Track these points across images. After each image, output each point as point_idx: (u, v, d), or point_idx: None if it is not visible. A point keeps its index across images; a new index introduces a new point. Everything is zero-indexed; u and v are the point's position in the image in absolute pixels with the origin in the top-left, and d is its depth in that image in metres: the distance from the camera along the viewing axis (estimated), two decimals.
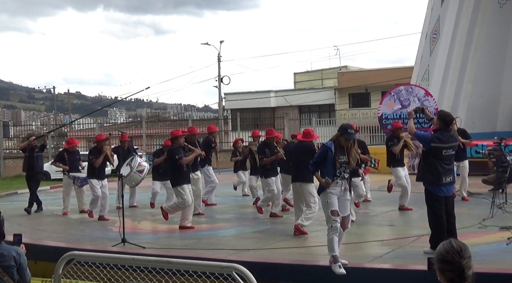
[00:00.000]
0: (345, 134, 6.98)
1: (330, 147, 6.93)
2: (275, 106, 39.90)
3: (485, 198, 11.37)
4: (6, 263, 4.41)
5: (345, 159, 6.94)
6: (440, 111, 8.49)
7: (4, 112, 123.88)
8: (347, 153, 6.98)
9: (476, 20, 20.41)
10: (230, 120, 36.29)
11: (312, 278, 7.00)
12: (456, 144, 7.72)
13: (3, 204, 14.74)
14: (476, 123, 19.64)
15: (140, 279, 5.87)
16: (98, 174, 11.94)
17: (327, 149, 6.95)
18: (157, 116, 62.65)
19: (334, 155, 6.90)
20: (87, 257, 5.34)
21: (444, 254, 3.03)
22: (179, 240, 9.34)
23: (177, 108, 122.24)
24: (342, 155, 6.95)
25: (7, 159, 32.20)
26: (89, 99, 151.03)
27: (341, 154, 6.95)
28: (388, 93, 18.60)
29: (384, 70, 39.32)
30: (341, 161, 6.91)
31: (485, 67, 20.32)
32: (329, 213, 6.86)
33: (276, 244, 8.76)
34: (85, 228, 11.03)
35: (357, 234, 9.25)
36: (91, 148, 12.70)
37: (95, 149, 12.03)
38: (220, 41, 50.89)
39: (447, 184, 7.41)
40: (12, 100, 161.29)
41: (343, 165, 6.93)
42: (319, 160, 7.04)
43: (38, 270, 7.30)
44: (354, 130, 10.21)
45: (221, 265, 4.46)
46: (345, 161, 6.94)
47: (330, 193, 6.89)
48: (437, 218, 7.36)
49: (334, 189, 6.91)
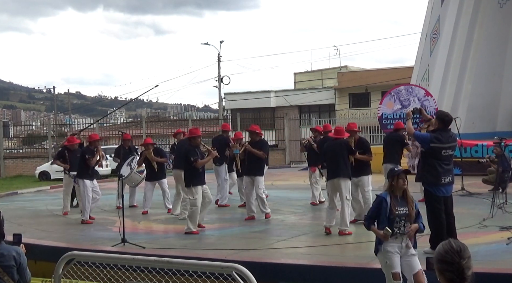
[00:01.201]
0: (394, 174, 5.92)
1: (385, 197, 5.87)
2: (275, 106, 39.87)
3: (485, 198, 11.37)
4: (6, 263, 4.41)
5: (404, 211, 5.83)
6: (439, 111, 8.50)
7: (4, 112, 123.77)
8: (407, 202, 5.87)
9: (476, 20, 20.40)
10: (230, 120, 36.25)
11: (312, 278, 7.00)
12: (455, 144, 7.72)
13: (3, 204, 14.73)
14: (476, 123, 19.63)
15: (140, 279, 5.87)
16: (92, 174, 11.84)
17: (382, 200, 5.88)
18: (157, 116, 62.67)
19: (390, 207, 5.83)
20: (87, 257, 5.33)
21: (443, 254, 3.03)
22: (179, 240, 9.34)
23: (177, 108, 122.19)
24: (401, 206, 5.85)
25: (7, 159, 32.20)
26: (89, 99, 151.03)
27: (399, 204, 5.84)
28: (388, 93, 18.61)
29: (384, 70, 39.30)
30: (399, 213, 5.81)
31: (485, 67, 20.31)
32: (390, 276, 5.78)
33: (276, 244, 8.77)
34: (85, 228, 11.03)
35: (357, 234, 9.25)
36: (85, 147, 12.57)
37: (89, 149, 11.97)
38: (220, 41, 50.82)
39: (447, 184, 7.42)
40: (12, 100, 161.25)
41: (402, 218, 5.82)
42: (374, 214, 5.94)
43: (38, 270, 7.29)
44: (355, 130, 10.33)
45: (221, 265, 4.46)
46: (404, 213, 5.82)
47: (389, 252, 5.77)
48: (436, 218, 7.37)
49: (393, 246, 5.77)
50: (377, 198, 6.00)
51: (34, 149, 37.15)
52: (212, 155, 10.21)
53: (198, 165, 9.81)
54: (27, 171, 30.77)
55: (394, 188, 5.88)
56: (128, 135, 14.11)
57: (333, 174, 9.40)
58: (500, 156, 11.67)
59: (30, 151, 36.23)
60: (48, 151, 32.27)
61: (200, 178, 9.90)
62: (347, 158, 9.48)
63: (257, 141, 11.19)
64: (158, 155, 12.46)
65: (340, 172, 9.30)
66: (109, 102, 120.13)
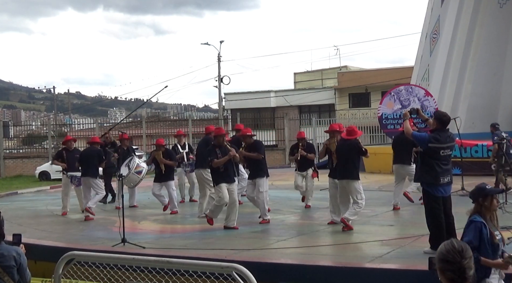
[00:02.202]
0: (487, 193, 5.07)
1: (483, 222, 4.93)
2: (275, 106, 39.89)
3: None
4: (7, 263, 4.41)
5: (500, 236, 5.02)
6: (437, 111, 8.50)
7: (4, 112, 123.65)
8: (497, 225, 5.09)
9: (476, 20, 20.39)
10: (230, 120, 36.27)
11: (312, 278, 6.99)
12: (453, 144, 7.71)
13: (3, 204, 14.75)
14: (476, 123, 19.62)
15: (140, 279, 5.87)
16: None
17: (481, 225, 4.91)
18: (157, 116, 62.56)
19: (489, 233, 4.90)
20: (87, 257, 5.34)
21: (445, 253, 3.03)
22: (179, 240, 9.34)
23: (177, 108, 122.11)
24: (494, 229, 5.01)
25: (7, 159, 32.21)
26: (89, 99, 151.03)
27: (493, 229, 4.99)
28: (388, 93, 18.62)
29: (384, 70, 39.31)
30: (498, 238, 4.95)
31: (485, 67, 20.30)
32: None
33: (276, 244, 8.77)
34: (85, 228, 11.03)
35: (357, 234, 9.25)
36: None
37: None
38: (220, 41, 50.86)
39: (445, 184, 7.42)
40: (12, 100, 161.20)
41: (499, 243, 4.95)
42: (477, 241, 4.83)
43: (38, 270, 7.29)
44: (357, 132, 10.32)
45: (221, 265, 4.46)
46: (501, 238, 5.00)
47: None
48: (435, 218, 7.37)
49: (495, 278, 4.89)
50: (474, 223, 4.94)
51: (34, 149, 37.18)
52: (230, 155, 9.91)
53: (215, 164, 9.83)
54: (27, 171, 30.80)
55: (485, 210, 5.01)
56: (126, 135, 14.13)
57: (342, 175, 9.55)
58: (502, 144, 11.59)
59: (30, 151, 36.26)
60: (48, 151, 32.30)
61: (223, 177, 9.86)
62: (356, 160, 9.62)
63: (252, 143, 10.89)
64: (168, 157, 12.30)
65: (348, 174, 9.43)
66: (109, 102, 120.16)
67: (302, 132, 12.79)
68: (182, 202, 13.72)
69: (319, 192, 12.95)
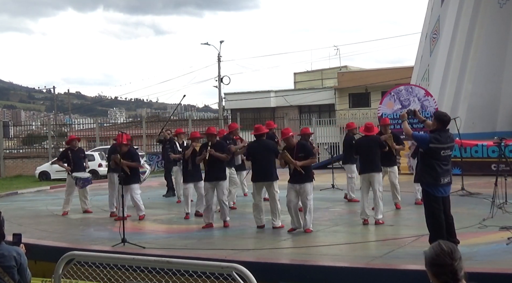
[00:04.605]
0: None
1: None
2: (275, 106, 39.88)
3: (485, 198, 11.36)
4: (7, 263, 4.40)
5: None
6: (437, 111, 8.49)
7: (4, 112, 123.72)
8: None
9: (476, 20, 20.40)
10: (230, 121, 36.24)
11: (312, 278, 6.99)
12: (453, 144, 7.71)
13: (3, 204, 14.74)
14: (476, 123, 19.63)
15: (140, 279, 5.87)
16: None
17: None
18: (157, 116, 62.51)
19: None
20: (87, 257, 5.33)
21: (435, 257, 2.96)
22: (179, 240, 9.34)
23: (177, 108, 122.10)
24: None
25: (7, 159, 32.20)
26: (89, 99, 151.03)
27: None
28: (388, 93, 18.60)
29: (384, 70, 39.29)
30: None
31: (485, 67, 20.31)
32: None
33: (276, 244, 8.76)
34: (85, 228, 11.04)
35: (357, 234, 9.25)
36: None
37: None
38: (220, 41, 50.73)
39: (445, 184, 7.41)
40: (12, 100, 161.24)
41: None
42: None
43: (38, 270, 7.29)
44: (374, 128, 10.51)
45: (221, 265, 4.45)
46: None
47: None
48: (435, 219, 7.36)
49: None
50: None
51: (34, 149, 37.16)
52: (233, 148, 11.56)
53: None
54: (27, 171, 30.79)
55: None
56: (125, 138, 14.03)
57: (367, 169, 10.07)
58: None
59: (30, 151, 36.24)
60: (48, 151, 32.29)
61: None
62: (379, 154, 10.21)
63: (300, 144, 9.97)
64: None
65: (374, 167, 10.02)
66: (109, 102, 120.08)
67: (306, 128, 12.78)
68: (179, 202, 13.64)
69: (319, 191, 12.95)
